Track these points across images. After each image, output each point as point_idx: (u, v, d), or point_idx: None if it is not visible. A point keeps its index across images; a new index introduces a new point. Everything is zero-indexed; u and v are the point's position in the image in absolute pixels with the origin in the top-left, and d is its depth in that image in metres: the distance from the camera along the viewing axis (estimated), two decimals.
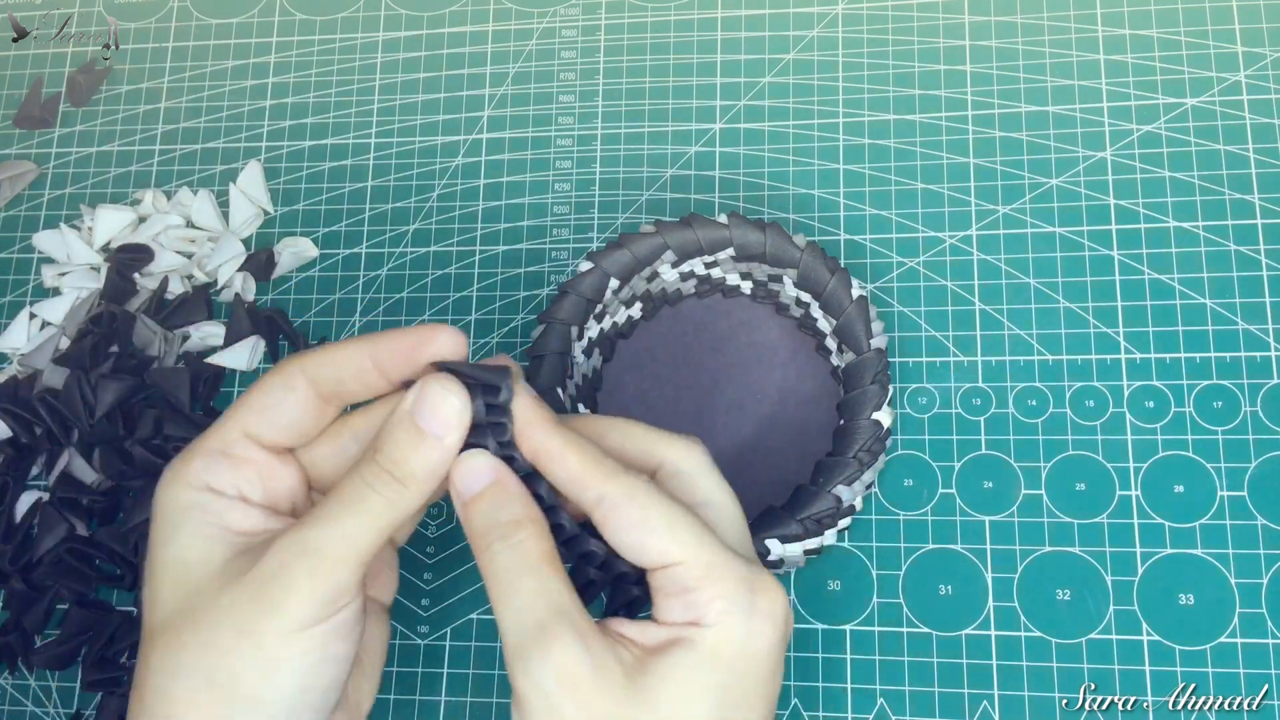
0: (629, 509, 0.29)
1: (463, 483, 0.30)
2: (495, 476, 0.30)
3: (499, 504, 0.29)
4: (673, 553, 0.28)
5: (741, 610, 0.28)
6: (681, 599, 0.28)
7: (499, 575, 0.29)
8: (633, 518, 0.29)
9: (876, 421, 0.42)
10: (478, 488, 0.29)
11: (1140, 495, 0.43)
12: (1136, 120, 0.48)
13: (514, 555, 0.29)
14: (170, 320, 0.51)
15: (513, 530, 0.29)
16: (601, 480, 0.29)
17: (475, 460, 0.30)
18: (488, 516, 0.29)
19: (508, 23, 0.55)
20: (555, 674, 0.27)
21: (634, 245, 0.44)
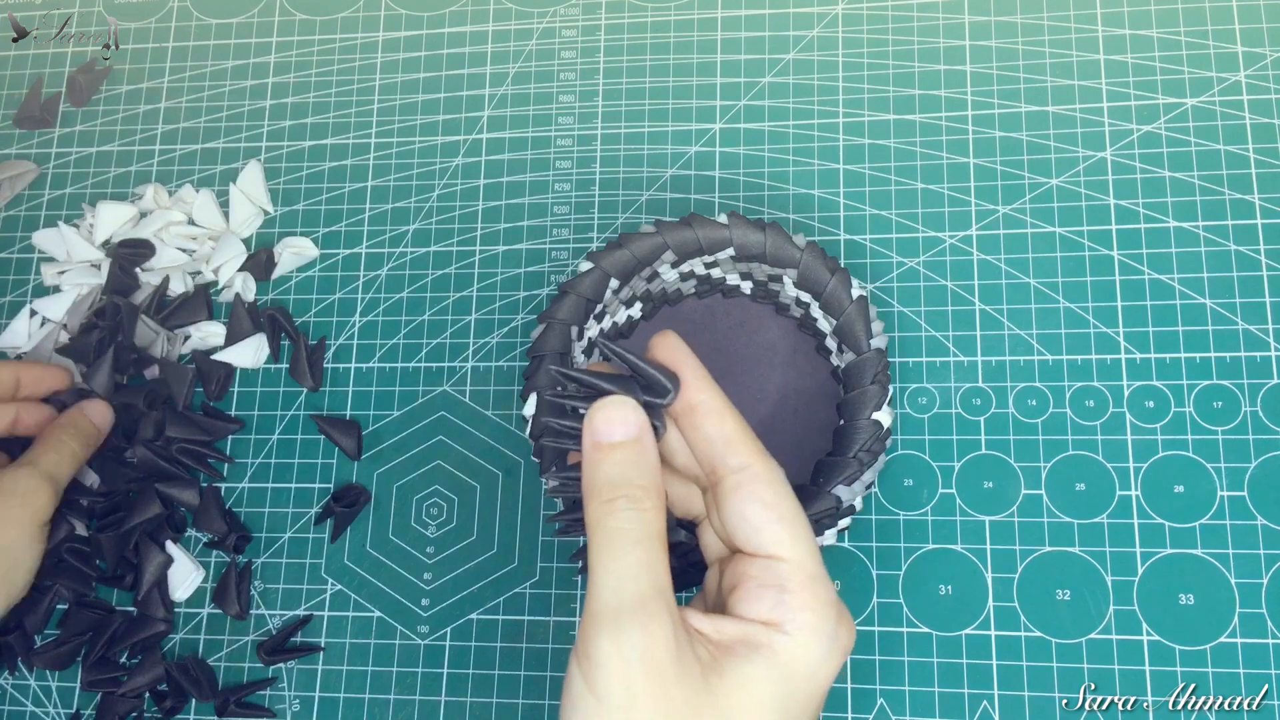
0: (766, 487, 0.29)
1: (604, 425, 0.29)
2: (640, 433, 0.29)
3: (637, 463, 0.29)
4: (785, 547, 0.28)
5: (825, 633, 0.28)
6: (775, 595, 0.28)
7: (614, 535, 0.28)
8: (767, 497, 0.29)
9: (876, 421, 0.41)
10: (619, 437, 0.29)
11: (1140, 495, 0.43)
12: (1136, 120, 0.48)
13: (636, 520, 0.28)
14: (171, 320, 0.51)
15: (642, 496, 0.28)
16: (751, 451, 0.29)
17: (624, 409, 0.29)
18: (621, 471, 0.29)
19: (508, 23, 0.55)
20: (643, 651, 0.27)
21: (634, 245, 0.44)
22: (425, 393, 0.49)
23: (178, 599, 0.47)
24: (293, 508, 0.48)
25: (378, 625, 0.46)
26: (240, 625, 0.47)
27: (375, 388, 0.49)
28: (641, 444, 0.29)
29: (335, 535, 0.47)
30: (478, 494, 0.47)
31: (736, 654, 0.28)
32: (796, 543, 0.29)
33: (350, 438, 0.48)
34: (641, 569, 0.28)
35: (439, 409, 0.48)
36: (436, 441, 0.48)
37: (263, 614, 0.47)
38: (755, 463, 0.29)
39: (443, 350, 0.49)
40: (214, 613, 0.47)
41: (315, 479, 0.48)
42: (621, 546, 0.28)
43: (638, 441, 0.29)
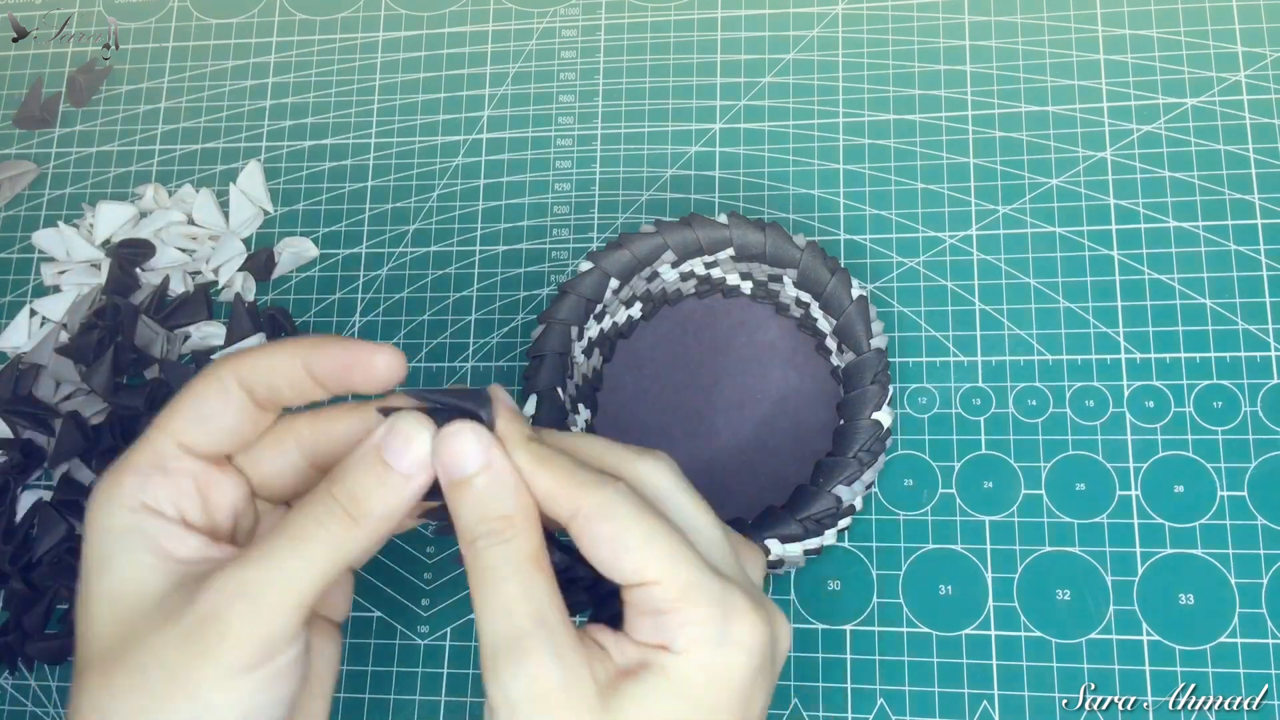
0: (603, 523, 0.27)
1: (451, 464, 0.28)
2: (487, 459, 0.28)
3: (490, 493, 0.28)
4: (648, 571, 0.27)
5: (712, 639, 0.27)
6: (653, 620, 0.27)
7: (482, 574, 0.27)
8: (607, 532, 0.27)
9: (876, 421, 0.41)
10: (468, 470, 0.28)
11: (1140, 495, 0.43)
12: (1136, 120, 0.48)
13: (500, 554, 0.27)
14: (171, 320, 0.51)
15: (503, 526, 0.27)
16: (576, 493, 0.27)
17: (465, 439, 0.28)
18: (477, 507, 0.28)
19: (508, 23, 0.55)
20: (526, 688, 0.26)
21: (634, 245, 0.44)
22: None
23: None
24: None
25: (378, 625, 0.46)
26: None
27: None
28: (493, 469, 0.28)
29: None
30: None
31: (634, 675, 0.27)
32: (656, 562, 0.27)
33: None
34: (514, 602, 0.27)
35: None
36: None
37: None
38: (581, 503, 0.27)
39: (443, 350, 0.49)
40: None
41: None
42: (491, 586, 0.27)
43: (488, 468, 0.28)
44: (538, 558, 0.28)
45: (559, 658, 0.27)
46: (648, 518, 0.28)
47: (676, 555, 0.27)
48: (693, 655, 0.27)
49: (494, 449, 0.28)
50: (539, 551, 0.28)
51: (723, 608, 0.27)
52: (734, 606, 0.27)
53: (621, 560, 0.27)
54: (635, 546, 0.27)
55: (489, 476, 0.28)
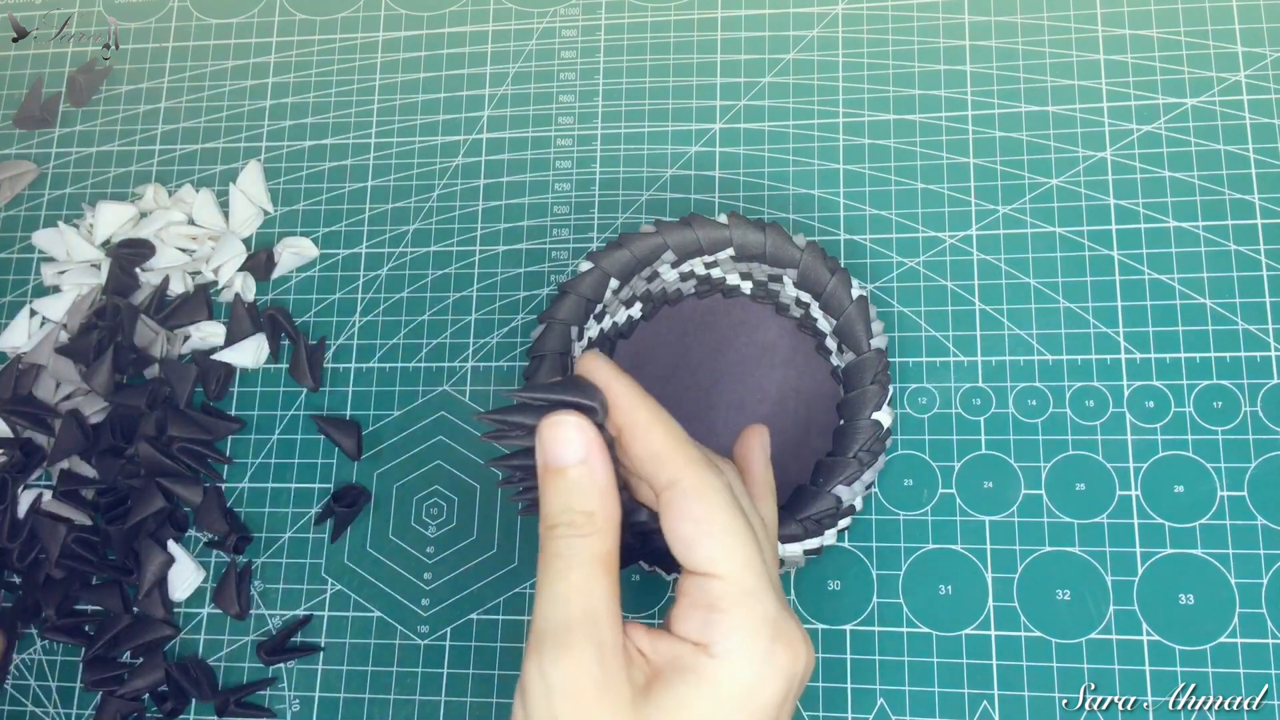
0: (695, 502, 0.28)
1: (550, 450, 0.28)
2: (585, 454, 0.28)
3: (580, 488, 0.28)
4: (718, 564, 0.28)
5: (757, 654, 0.27)
6: (704, 615, 0.28)
7: (551, 559, 0.28)
8: (696, 513, 0.28)
9: (876, 421, 0.41)
10: (565, 460, 0.28)
11: (1140, 495, 0.43)
12: (1136, 120, 0.48)
13: (573, 546, 0.28)
14: (170, 320, 0.51)
15: (584, 523, 0.28)
16: (680, 465, 0.28)
17: (567, 429, 0.28)
18: (565, 497, 0.28)
19: (508, 23, 0.55)
20: (564, 678, 0.27)
21: (634, 245, 0.44)
22: (425, 393, 0.49)
23: (177, 599, 0.47)
24: (293, 508, 0.48)
25: (378, 625, 0.46)
26: (240, 625, 0.47)
27: (375, 388, 0.49)
28: (589, 465, 0.28)
29: (335, 535, 0.47)
30: (478, 494, 0.47)
31: (665, 677, 0.27)
32: (730, 558, 0.28)
33: (350, 438, 0.48)
34: (573, 594, 0.27)
35: (439, 409, 0.48)
36: (436, 441, 0.48)
37: (263, 614, 0.47)
38: (684, 476, 0.28)
39: (443, 350, 0.49)
40: (214, 613, 0.47)
41: (315, 479, 0.48)
42: (557, 572, 0.28)
43: (584, 464, 0.28)
44: (607, 559, 0.28)
45: (601, 656, 0.27)
46: (736, 512, 0.28)
47: (750, 559, 0.28)
48: (733, 664, 0.27)
49: (595, 445, 0.28)
50: (610, 553, 0.28)
51: (774, 626, 0.28)
52: (783, 628, 0.28)
53: (700, 544, 0.28)
54: (717, 535, 0.28)
55: (584, 470, 0.28)
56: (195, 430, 0.48)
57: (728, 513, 0.28)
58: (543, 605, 0.28)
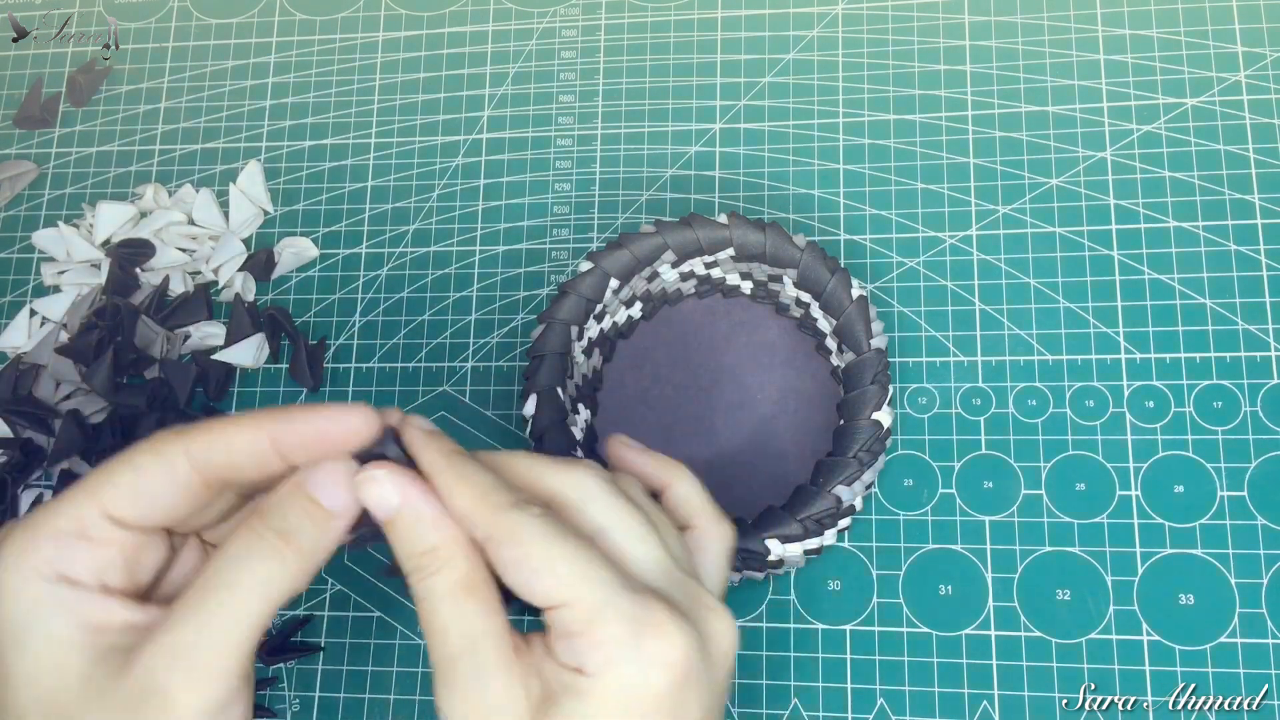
0: (511, 548, 0.27)
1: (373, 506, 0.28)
2: (401, 499, 0.28)
3: (411, 531, 0.28)
4: (556, 594, 0.27)
5: (624, 658, 0.27)
6: (568, 642, 0.27)
7: (419, 604, 0.28)
8: (514, 557, 0.27)
9: (876, 421, 0.41)
10: (389, 511, 0.28)
11: (1140, 495, 0.43)
12: (1136, 120, 0.48)
13: (430, 586, 0.28)
14: (171, 320, 0.51)
15: (428, 561, 0.28)
16: (485, 518, 0.28)
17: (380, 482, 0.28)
18: (403, 545, 0.28)
19: (508, 23, 0.55)
20: (459, 709, 0.27)
21: (634, 245, 0.44)
22: (425, 393, 0.49)
23: None
24: None
25: (378, 625, 0.46)
26: None
27: (375, 388, 0.49)
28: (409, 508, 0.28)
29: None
30: None
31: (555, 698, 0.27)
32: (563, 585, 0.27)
33: None
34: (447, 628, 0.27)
35: (439, 409, 0.48)
36: None
37: None
38: (492, 529, 0.27)
39: (443, 350, 0.49)
40: None
41: None
42: (426, 615, 0.28)
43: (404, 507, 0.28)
44: (469, 585, 0.28)
45: (487, 682, 0.27)
46: (557, 540, 0.27)
47: (587, 576, 0.27)
48: (605, 677, 0.27)
49: (410, 487, 0.28)
50: (467, 577, 0.28)
51: (635, 624, 0.27)
52: (647, 622, 0.27)
53: (531, 584, 0.27)
54: (543, 570, 0.27)
55: (407, 514, 0.28)
56: None
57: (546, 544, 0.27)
58: (429, 646, 0.28)
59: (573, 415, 0.44)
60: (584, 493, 0.30)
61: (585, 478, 0.30)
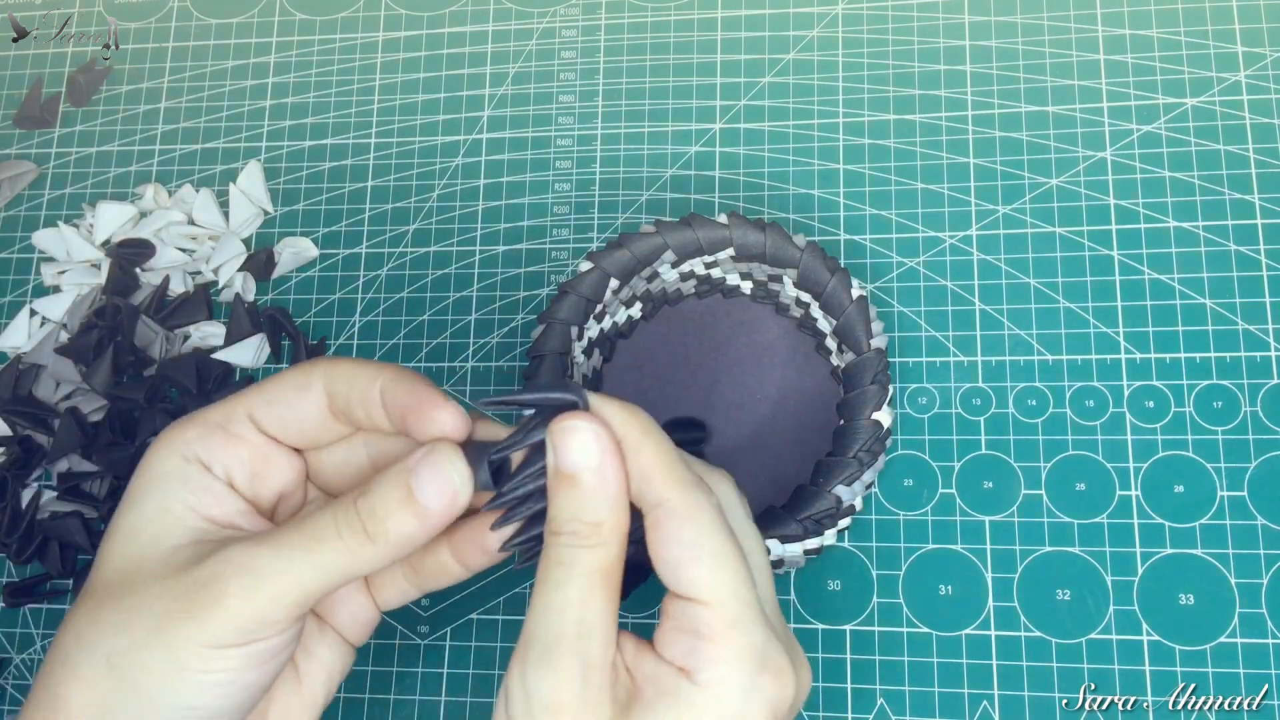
0: (683, 525, 0.27)
1: (563, 454, 0.27)
2: (599, 461, 0.27)
3: (591, 497, 0.27)
4: (704, 590, 0.27)
5: (741, 685, 0.26)
6: (689, 641, 0.27)
7: (553, 568, 0.27)
8: (683, 536, 0.27)
9: (876, 421, 0.41)
10: (580, 465, 0.27)
11: (1140, 495, 0.43)
12: (1136, 120, 0.48)
13: (576, 557, 0.27)
14: (170, 320, 0.51)
15: (590, 533, 0.27)
16: (670, 485, 0.27)
17: (581, 433, 0.27)
18: (574, 504, 0.27)
19: (508, 23, 0.55)
20: (545, 691, 0.26)
21: (634, 245, 0.44)
22: None
23: None
24: None
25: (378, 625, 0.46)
26: None
27: None
28: (601, 472, 0.27)
29: None
30: None
31: (646, 698, 0.27)
32: (718, 585, 0.27)
33: None
34: (569, 606, 0.27)
35: None
36: None
37: None
38: (673, 496, 0.27)
39: (443, 350, 0.49)
40: None
41: None
42: (555, 582, 0.27)
43: (596, 471, 0.27)
44: (609, 571, 0.27)
45: (586, 673, 0.26)
46: (726, 536, 0.27)
47: (737, 585, 0.27)
48: (715, 694, 0.26)
49: (610, 451, 0.27)
50: (613, 566, 0.27)
51: (761, 657, 0.27)
52: (770, 659, 0.27)
53: (686, 569, 0.27)
54: (704, 560, 0.27)
55: (597, 478, 0.27)
56: None
57: (717, 537, 0.27)
58: (536, 612, 0.27)
59: None
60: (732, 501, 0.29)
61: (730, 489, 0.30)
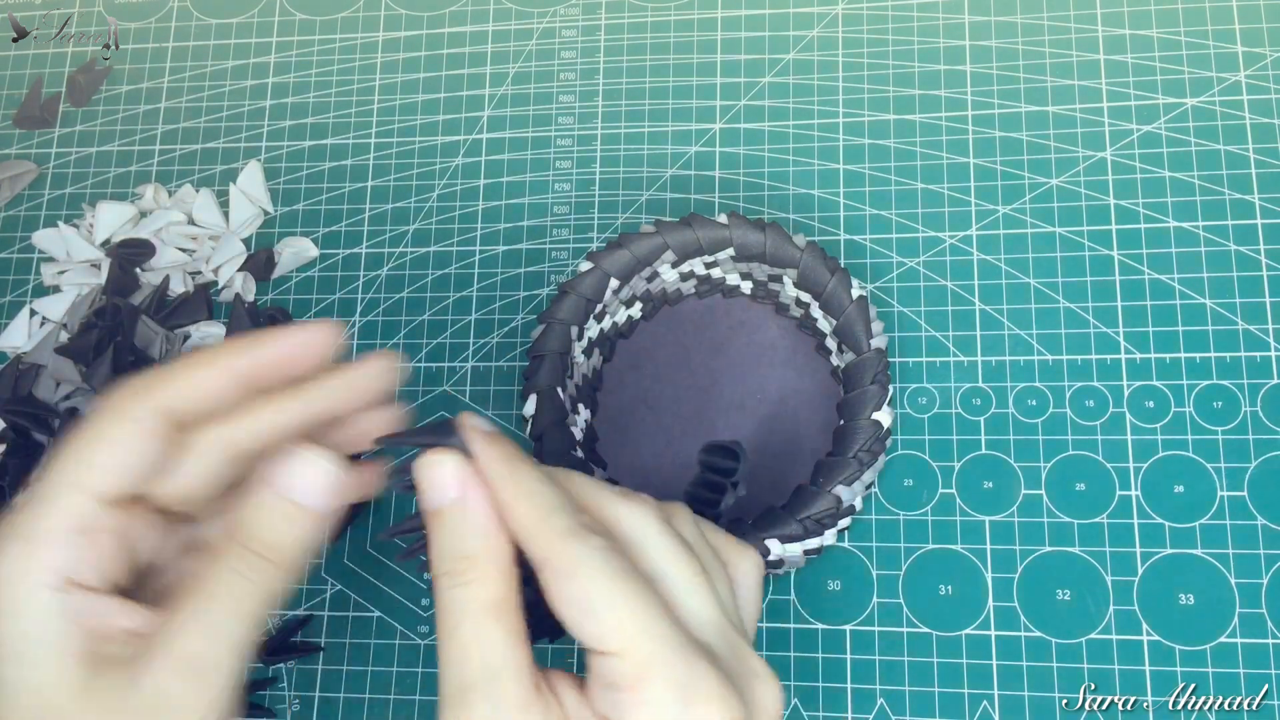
0: (570, 582, 0.25)
1: (425, 492, 0.27)
2: (461, 493, 0.26)
3: (456, 531, 0.26)
4: (611, 640, 0.25)
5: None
6: (609, 695, 0.26)
7: (441, 613, 0.26)
8: (573, 592, 0.25)
9: (876, 421, 0.41)
10: (441, 500, 0.27)
11: (1140, 495, 0.43)
12: (1136, 120, 0.48)
13: (458, 598, 0.26)
14: (171, 320, 0.51)
15: (465, 569, 0.26)
16: (549, 541, 0.26)
17: (438, 467, 0.27)
18: (443, 542, 0.26)
19: (508, 23, 0.55)
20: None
21: (634, 245, 0.44)
22: (425, 393, 0.49)
23: None
24: None
25: (378, 625, 0.46)
26: None
27: None
28: (463, 504, 0.26)
29: (335, 535, 0.47)
30: None
31: None
32: (618, 632, 0.25)
33: None
34: (466, 650, 0.26)
35: (439, 409, 0.48)
36: None
37: None
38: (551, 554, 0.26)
39: (443, 350, 0.49)
40: None
41: None
42: (448, 628, 0.26)
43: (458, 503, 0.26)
44: (498, 605, 0.26)
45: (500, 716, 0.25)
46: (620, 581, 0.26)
47: (645, 627, 0.25)
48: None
49: (471, 484, 0.27)
50: (501, 599, 0.26)
51: (684, 690, 0.25)
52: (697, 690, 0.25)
53: (584, 624, 0.26)
54: (602, 612, 0.25)
55: (458, 512, 0.27)
56: None
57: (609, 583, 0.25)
58: (441, 662, 0.26)
59: (572, 415, 0.44)
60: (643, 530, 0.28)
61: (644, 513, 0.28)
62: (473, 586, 0.26)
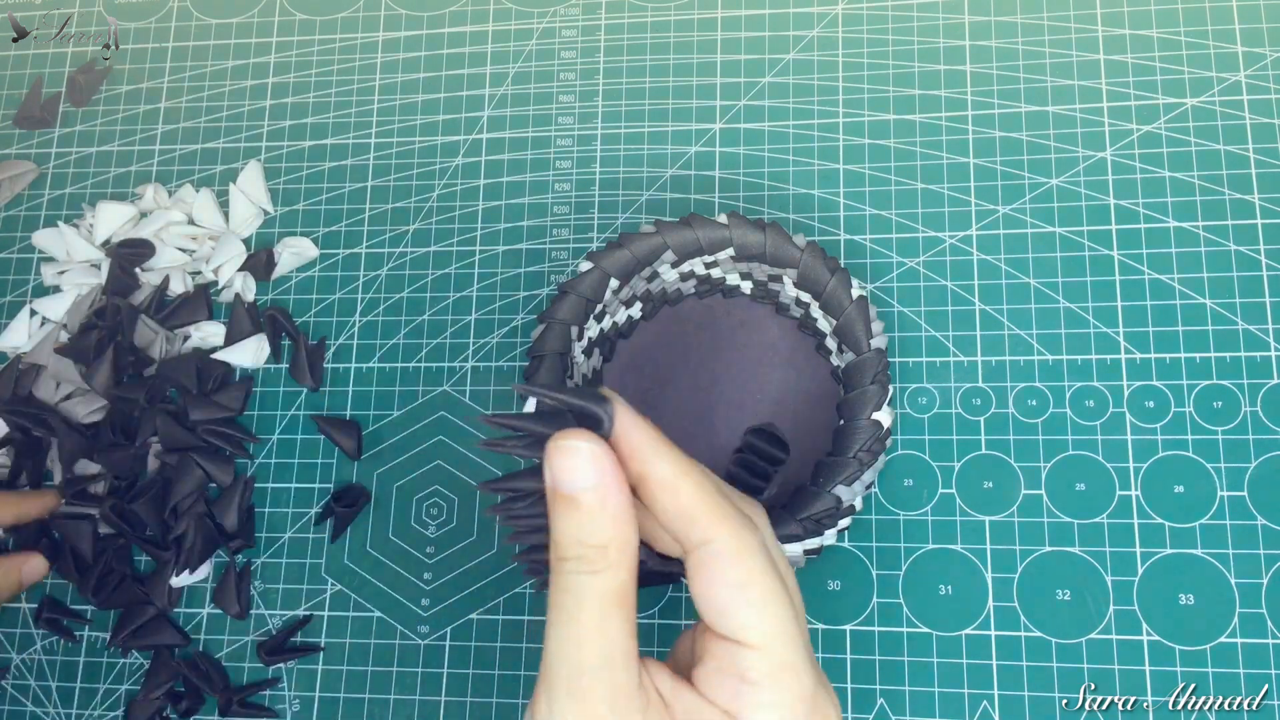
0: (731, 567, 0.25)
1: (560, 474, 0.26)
2: (598, 480, 0.26)
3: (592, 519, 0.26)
4: (752, 634, 0.25)
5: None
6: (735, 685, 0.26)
7: (562, 596, 0.26)
8: (732, 578, 0.25)
9: (876, 421, 0.42)
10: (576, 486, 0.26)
11: (1140, 495, 0.43)
12: (1136, 120, 0.48)
13: (584, 584, 0.26)
14: (170, 320, 0.51)
15: (596, 557, 0.26)
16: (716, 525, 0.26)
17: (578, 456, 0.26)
18: (575, 528, 0.26)
19: (508, 23, 0.55)
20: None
21: (634, 245, 0.44)
22: (425, 393, 0.49)
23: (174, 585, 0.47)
24: (293, 508, 0.48)
25: (378, 625, 0.46)
26: (240, 625, 0.47)
27: (375, 388, 0.49)
28: (601, 492, 0.26)
29: (335, 535, 0.47)
30: (478, 494, 0.47)
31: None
32: (766, 628, 0.25)
33: (350, 438, 0.48)
34: (586, 636, 0.26)
35: (439, 409, 0.48)
36: (436, 441, 0.48)
37: (263, 614, 0.47)
38: (719, 536, 0.26)
39: (443, 350, 0.49)
40: (214, 613, 0.47)
41: (315, 479, 0.48)
42: (568, 612, 0.26)
43: (595, 490, 0.26)
44: (622, 594, 0.26)
45: (614, 702, 0.26)
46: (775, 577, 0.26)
47: (785, 628, 0.26)
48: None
49: (609, 470, 0.26)
50: (625, 589, 0.26)
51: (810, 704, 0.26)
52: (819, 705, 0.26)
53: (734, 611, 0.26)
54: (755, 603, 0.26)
55: (595, 498, 0.26)
56: (215, 410, 0.48)
57: (766, 578, 0.26)
58: (553, 644, 0.26)
59: None
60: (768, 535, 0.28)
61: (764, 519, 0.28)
62: (604, 575, 0.26)
